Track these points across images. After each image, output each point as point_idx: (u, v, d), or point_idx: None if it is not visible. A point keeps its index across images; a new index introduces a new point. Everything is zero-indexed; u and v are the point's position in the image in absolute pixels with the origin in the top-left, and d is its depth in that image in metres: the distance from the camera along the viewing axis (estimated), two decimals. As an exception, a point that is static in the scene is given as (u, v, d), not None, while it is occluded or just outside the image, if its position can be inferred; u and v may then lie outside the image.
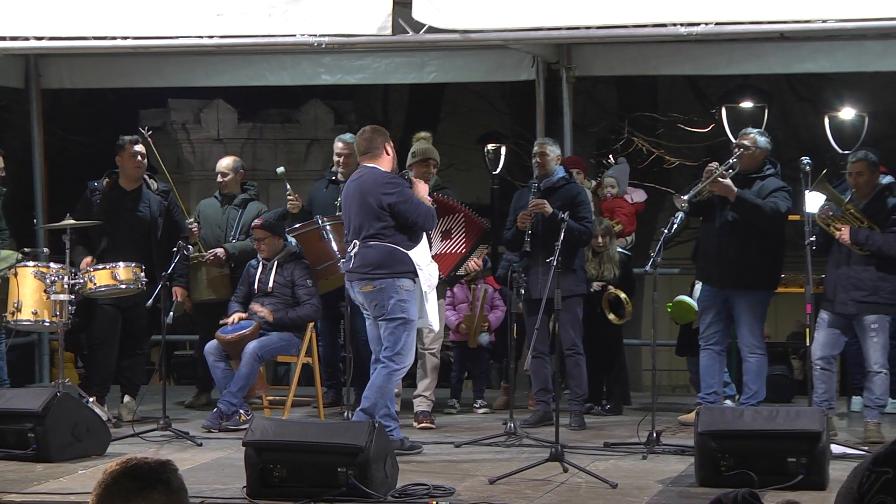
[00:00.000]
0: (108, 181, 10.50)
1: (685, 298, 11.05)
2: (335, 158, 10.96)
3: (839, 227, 9.29)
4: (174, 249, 9.87)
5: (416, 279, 8.75)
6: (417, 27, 9.57)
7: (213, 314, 10.82)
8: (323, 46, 9.96)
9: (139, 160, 10.46)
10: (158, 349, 10.98)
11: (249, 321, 10.18)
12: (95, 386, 10.29)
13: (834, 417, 9.46)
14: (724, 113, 13.88)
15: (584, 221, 9.94)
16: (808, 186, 9.23)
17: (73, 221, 9.92)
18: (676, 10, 9.22)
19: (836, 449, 8.28)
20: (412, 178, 9.16)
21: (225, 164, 11.42)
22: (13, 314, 9.83)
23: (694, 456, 7.84)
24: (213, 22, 9.79)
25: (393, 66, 12.51)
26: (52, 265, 9.90)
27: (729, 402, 10.42)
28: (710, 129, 16.41)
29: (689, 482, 7.79)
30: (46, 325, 9.95)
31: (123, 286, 9.94)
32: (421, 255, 8.82)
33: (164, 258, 10.10)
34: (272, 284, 10.30)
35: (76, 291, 9.82)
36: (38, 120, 12.70)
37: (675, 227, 9.27)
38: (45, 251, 11.13)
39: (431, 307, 8.94)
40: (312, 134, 19.52)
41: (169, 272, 9.74)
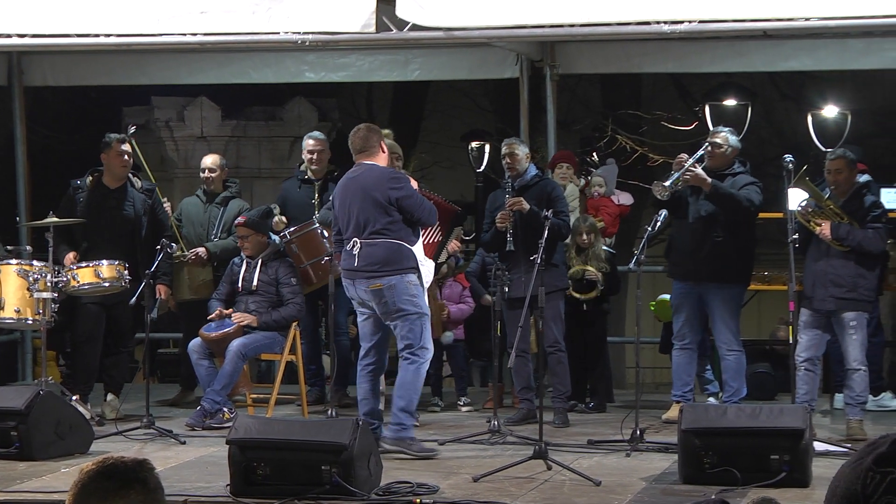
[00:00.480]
0: (91, 179, 10.47)
1: (669, 297, 11.06)
2: (307, 156, 10.99)
3: (819, 222, 9.32)
4: (157, 247, 9.86)
5: (420, 274, 8.79)
6: (401, 25, 9.56)
7: (196, 312, 10.81)
8: (307, 44, 9.96)
9: (125, 159, 10.44)
10: (142, 347, 10.95)
11: (232, 321, 10.15)
12: (79, 384, 10.27)
13: (816, 415, 9.48)
14: (707, 111, 13.90)
15: (561, 216, 9.96)
16: (790, 184, 9.26)
17: (56, 219, 9.89)
18: (660, 7, 9.24)
19: (819, 446, 8.30)
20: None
21: (212, 160, 11.42)
22: (-4, 312, 9.80)
23: (678, 453, 7.85)
24: (196, 20, 9.77)
25: (377, 63, 12.50)
26: (35, 263, 9.89)
27: (712, 399, 10.45)
28: (693, 126, 16.41)
29: (672, 479, 7.81)
30: (29, 323, 9.92)
31: (107, 284, 9.92)
32: (420, 251, 8.86)
33: (147, 256, 10.09)
34: (256, 283, 10.28)
35: (59, 289, 9.80)
36: (20, 118, 12.65)
37: (658, 224, 9.30)
38: (28, 249, 11.10)
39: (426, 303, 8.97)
40: (296, 131, 19.42)
41: (152, 270, 9.72)
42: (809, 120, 13.34)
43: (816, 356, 9.41)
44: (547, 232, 8.98)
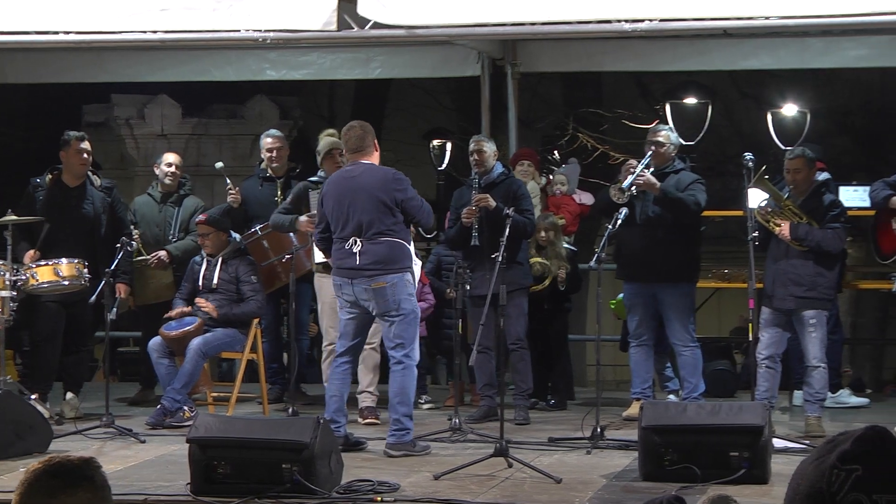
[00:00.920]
0: (51, 177, 10.41)
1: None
2: (266, 154, 11.01)
3: (779, 222, 9.37)
4: (118, 246, 9.81)
5: (413, 273, 8.85)
6: (363, 23, 9.55)
7: (156, 311, 10.77)
8: (268, 42, 9.93)
9: (85, 157, 10.38)
10: (102, 346, 10.90)
11: (193, 318, 10.13)
12: (38, 383, 10.20)
13: (775, 412, 9.53)
14: (668, 109, 13.93)
15: (526, 214, 9.99)
16: (750, 182, 9.31)
17: (14, 217, 9.82)
18: (621, 6, 9.26)
19: (777, 443, 8.34)
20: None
21: (175, 157, 11.42)
22: (-46, 310, 9.73)
23: (638, 450, 7.88)
24: (157, 17, 9.73)
25: (338, 61, 12.49)
26: (-7, 261, 9.81)
27: (672, 396, 10.49)
28: (654, 125, 16.45)
29: (633, 477, 7.83)
30: (-13, 321, 9.85)
31: (66, 282, 9.86)
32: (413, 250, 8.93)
33: (107, 255, 10.03)
34: (217, 281, 10.26)
35: (18, 288, 9.73)
36: (-21, 115, 12.59)
37: (619, 222, 9.34)
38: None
39: None
40: (258, 129, 19.28)
41: (112, 269, 9.67)
42: (769, 118, 13.39)
43: (777, 354, 9.47)
44: (508, 229, 9.01)
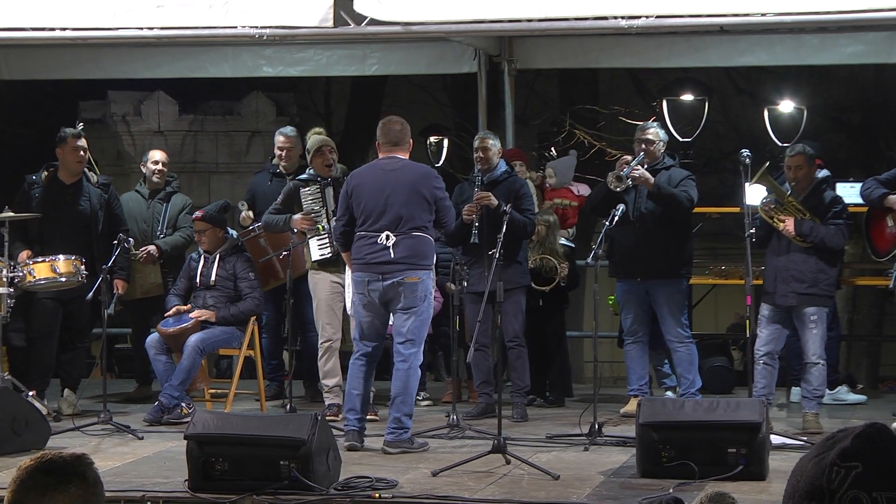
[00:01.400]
0: (47, 174, 10.40)
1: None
2: (277, 152, 10.97)
3: (783, 218, 9.37)
4: (115, 242, 9.80)
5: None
6: (359, 19, 9.55)
7: (145, 308, 10.77)
8: (264, 38, 9.93)
9: (81, 154, 10.37)
10: (99, 342, 10.89)
11: (190, 316, 10.11)
12: (35, 380, 10.19)
13: (773, 408, 9.54)
14: (664, 106, 13.95)
15: (527, 213, 9.99)
16: (747, 179, 9.32)
17: (11, 214, 9.81)
18: (617, 3, 9.27)
19: (775, 439, 8.35)
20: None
21: (161, 155, 11.43)
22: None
23: (635, 447, 7.89)
24: (153, 13, 9.73)
25: (335, 58, 12.48)
26: (-11, 258, 9.80)
27: (670, 393, 10.50)
28: (649, 122, 16.46)
29: (630, 473, 7.84)
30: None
31: (63, 279, 9.85)
32: None
33: (104, 251, 10.03)
34: (214, 277, 10.25)
35: (15, 284, 9.72)
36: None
37: (616, 219, 9.36)
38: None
39: None
40: (254, 126, 19.42)
41: (109, 265, 9.66)
42: (766, 115, 13.42)
43: (776, 350, 9.47)
44: (505, 227, 9.00)
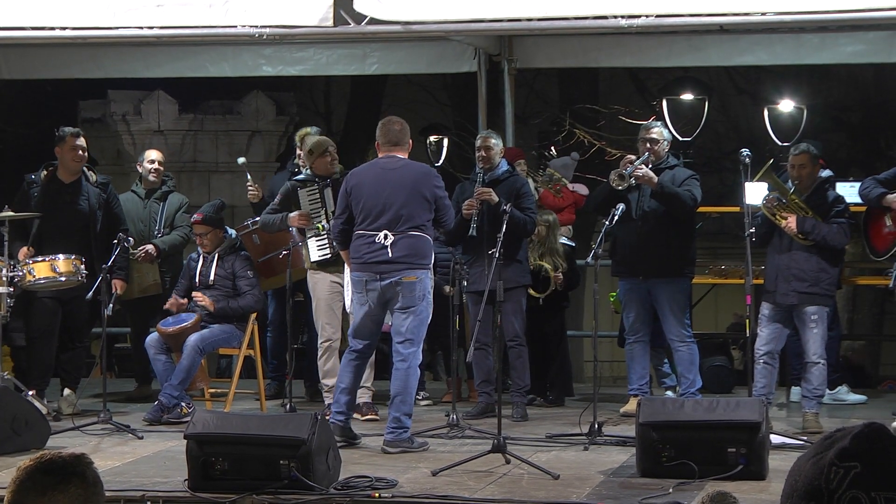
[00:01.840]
0: (46, 174, 10.40)
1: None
2: (300, 151, 10.99)
3: (785, 215, 9.37)
4: (114, 242, 9.80)
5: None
6: (359, 19, 9.55)
7: (144, 307, 10.76)
8: (264, 37, 9.92)
9: (80, 153, 10.36)
10: (99, 342, 10.89)
11: (190, 314, 10.13)
12: (35, 379, 10.19)
13: (772, 408, 9.54)
14: (664, 105, 13.95)
15: (527, 212, 9.99)
16: (747, 178, 9.32)
17: (11, 213, 9.81)
18: (617, 2, 9.27)
19: (775, 439, 8.35)
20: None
21: (157, 154, 11.45)
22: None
23: (635, 447, 7.88)
24: (153, 13, 9.72)
25: (334, 57, 12.48)
26: (-11, 257, 9.80)
27: (670, 392, 10.50)
28: (651, 121, 16.46)
29: (630, 473, 7.83)
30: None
31: (63, 279, 9.85)
32: None
33: (103, 251, 10.03)
34: (213, 277, 10.26)
35: (15, 284, 9.72)
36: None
37: (615, 218, 9.35)
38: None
39: None
40: (254, 125, 19.40)
41: (109, 264, 9.67)
42: (766, 114, 13.42)
43: (776, 350, 9.47)
44: (506, 225, 9.00)
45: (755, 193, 9.47)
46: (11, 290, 9.66)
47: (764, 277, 9.63)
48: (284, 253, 9.97)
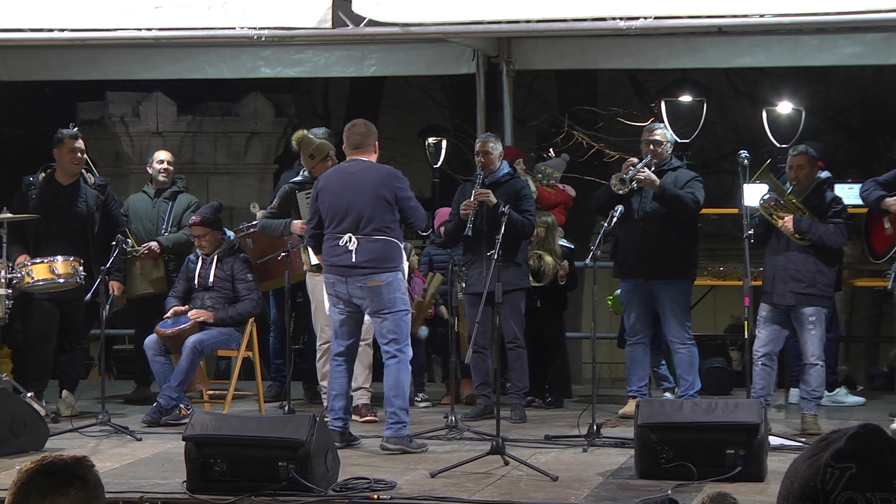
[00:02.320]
0: (44, 175, 10.39)
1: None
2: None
3: (782, 215, 9.38)
4: (113, 243, 9.80)
5: (404, 272, 8.90)
6: (357, 20, 9.54)
7: (148, 308, 10.76)
8: (263, 39, 9.92)
9: (78, 156, 10.36)
10: (97, 344, 10.89)
11: (188, 317, 10.11)
12: (33, 381, 10.19)
13: (771, 410, 9.54)
14: (663, 107, 13.95)
15: (526, 214, 9.98)
16: (746, 180, 9.32)
17: (9, 215, 9.81)
18: (616, 4, 9.26)
19: (774, 441, 8.35)
20: None
21: (167, 154, 11.45)
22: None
23: (634, 448, 7.88)
24: (151, 14, 9.72)
25: (333, 59, 12.48)
26: (-13, 259, 9.80)
27: (668, 394, 10.50)
28: (649, 122, 16.45)
29: (629, 474, 7.83)
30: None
31: (62, 280, 9.85)
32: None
33: (101, 252, 10.03)
34: (212, 279, 10.25)
35: (13, 286, 9.71)
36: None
37: (614, 220, 9.34)
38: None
39: None
40: (252, 127, 19.39)
41: (107, 266, 9.67)
42: (764, 116, 13.42)
43: (774, 351, 9.47)
44: (504, 227, 9.00)
45: (753, 195, 9.47)
46: (10, 291, 9.66)
47: (762, 278, 9.63)
48: (283, 255, 9.97)
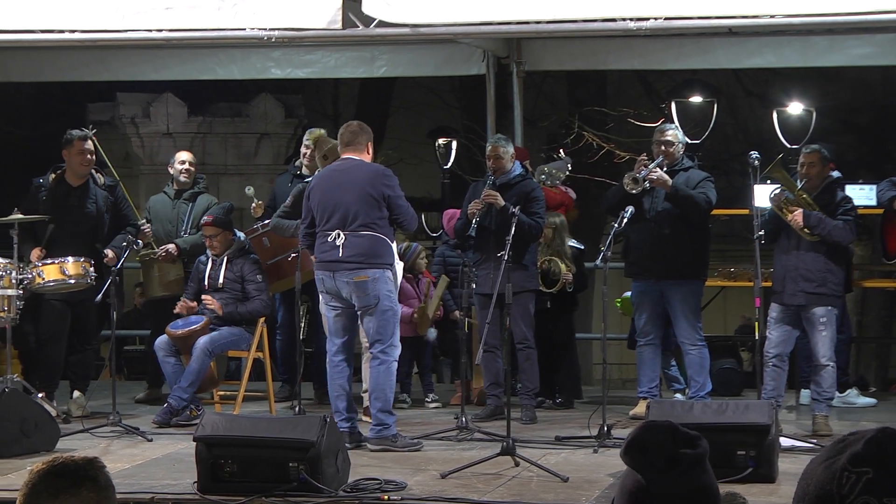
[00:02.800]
0: (54, 177, 10.41)
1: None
2: (304, 150, 11.01)
3: (792, 209, 9.36)
4: (124, 244, 9.82)
5: (395, 271, 8.89)
6: (367, 21, 9.54)
7: (165, 309, 10.78)
8: (272, 40, 9.91)
9: (87, 157, 10.37)
10: (108, 344, 10.91)
11: (199, 317, 10.14)
12: (44, 381, 10.21)
13: (782, 411, 9.52)
14: (673, 108, 13.93)
15: (535, 217, 9.97)
16: (756, 181, 9.31)
17: (20, 216, 9.83)
18: (626, 5, 9.24)
19: (784, 442, 8.34)
20: None
21: (188, 155, 11.49)
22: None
23: (644, 449, 7.85)
24: (161, 15, 9.72)
25: (343, 60, 12.49)
26: (-1, 260, 9.82)
27: (679, 395, 10.49)
28: (659, 123, 16.43)
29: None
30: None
31: (72, 281, 9.86)
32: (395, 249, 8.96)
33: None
34: (222, 280, 10.26)
35: (24, 286, 9.73)
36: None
37: (625, 220, 9.33)
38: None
39: None
40: (262, 128, 19.42)
41: (118, 267, 9.68)
42: (774, 117, 13.39)
43: (785, 352, 9.45)
44: (514, 228, 9.01)
45: (764, 196, 9.46)
46: (21, 292, 9.68)
47: (772, 279, 9.62)
48: (293, 256, 9.97)
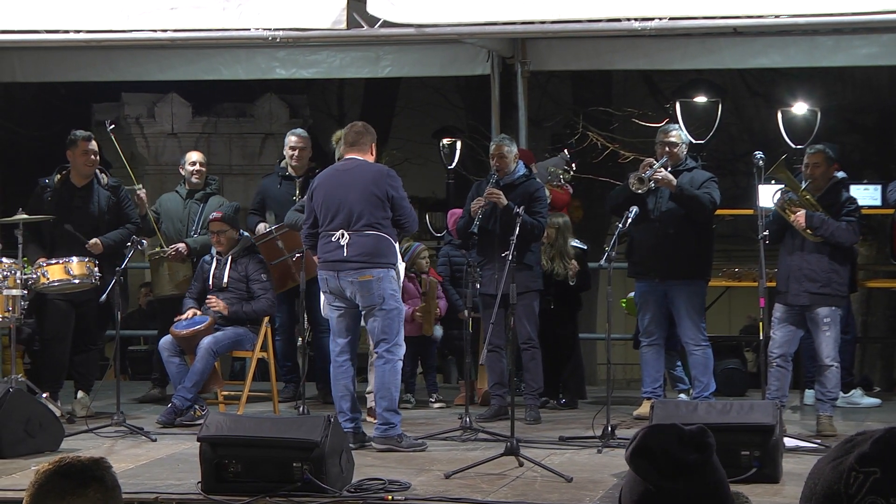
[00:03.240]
0: (59, 177, 10.41)
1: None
2: (289, 152, 10.99)
3: (795, 209, 9.36)
4: (128, 244, 9.83)
5: (398, 271, 8.89)
6: (372, 21, 9.54)
7: (172, 310, 10.79)
8: (277, 40, 9.92)
9: (92, 158, 10.38)
10: (112, 344, 10.91)
11: (204, 317, 10.14)
12: (48, 382, 10.21)
13: (786, 411, 9.52)
14: (678, 108, 13.93)
15: (537, 216, 9.96)
16: (760, 181, 9.31)
17: (25, 216, 9.83)
18: (630, 5, 9.24)
19: (789, 442, 8.33)
20: None
21: (198, 156, 11.49)
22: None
23: (648, 449, 7.85)
24: (166, 15, 9.73)
25: (348, 60, 12.50)
26: (4, 260, 9.80)
27: (683, 395, 10.48)
28: (664, 123, 16.42)
29: (643, 475, 7.81)
30: (-1, 320, 9.86)
31: (77, 281, 9.87)
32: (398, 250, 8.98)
33: (114, 254, 10.05)
34: (227, 279, 10.26)
35: (29, 287, 9.73)
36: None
37: (629, 220, 9.33)
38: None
39: None
40: (267, 128, 19.44)
41: (122, 268, 9.69)
42: (779, 117, 13.39)
43: (790, 353, 9.45)
44: (518, 228, 9.00)
45: (768, 196, 9.46)
46: (25, 292, 9.68)
47: (776, 279, 9.61)
48: (297, 256, 9.97)
